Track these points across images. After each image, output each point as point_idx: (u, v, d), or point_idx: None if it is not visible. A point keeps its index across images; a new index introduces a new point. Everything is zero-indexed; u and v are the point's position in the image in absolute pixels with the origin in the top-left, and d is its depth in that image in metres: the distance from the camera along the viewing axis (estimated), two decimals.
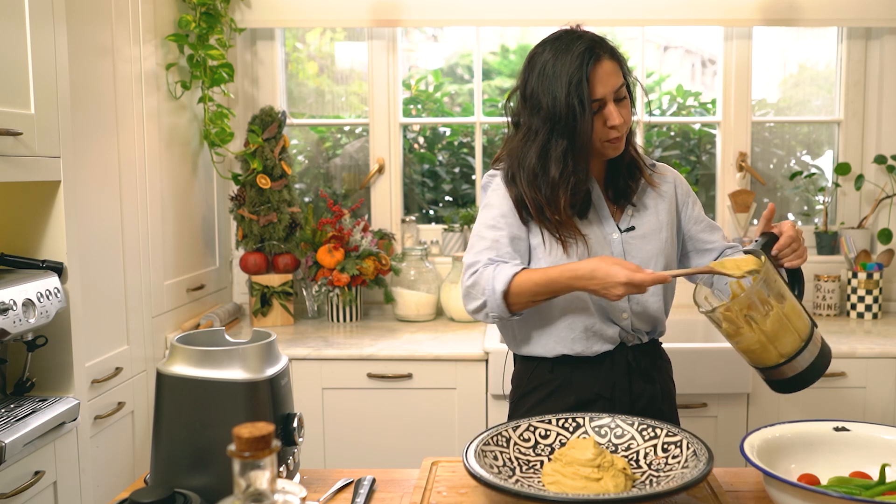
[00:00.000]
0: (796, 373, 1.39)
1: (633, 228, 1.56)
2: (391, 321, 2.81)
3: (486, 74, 3.11)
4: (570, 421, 1.33)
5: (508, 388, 1.68)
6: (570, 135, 1.45)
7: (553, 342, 1.53)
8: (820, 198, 2.95)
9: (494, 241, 1.50)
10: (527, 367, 1.59)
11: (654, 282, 1.35)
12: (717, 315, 1.34)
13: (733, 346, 1.41)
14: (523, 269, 1.45)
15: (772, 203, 1.48)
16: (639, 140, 3.00)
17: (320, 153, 3.17)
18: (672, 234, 1.61)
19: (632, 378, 1.55)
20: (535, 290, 1.43)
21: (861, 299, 2.76)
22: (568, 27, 1.54)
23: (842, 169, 2.91)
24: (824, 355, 1.44)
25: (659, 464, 1.23)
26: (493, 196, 1.56)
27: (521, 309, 1.47)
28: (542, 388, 1.56)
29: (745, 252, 1.39)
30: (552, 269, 1.42)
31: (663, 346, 1.68)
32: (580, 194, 1.50)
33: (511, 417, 1.63)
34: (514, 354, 1.64)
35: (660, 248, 1.56)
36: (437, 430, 2.34)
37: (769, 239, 1.42)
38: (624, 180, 1.58)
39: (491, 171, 1.61)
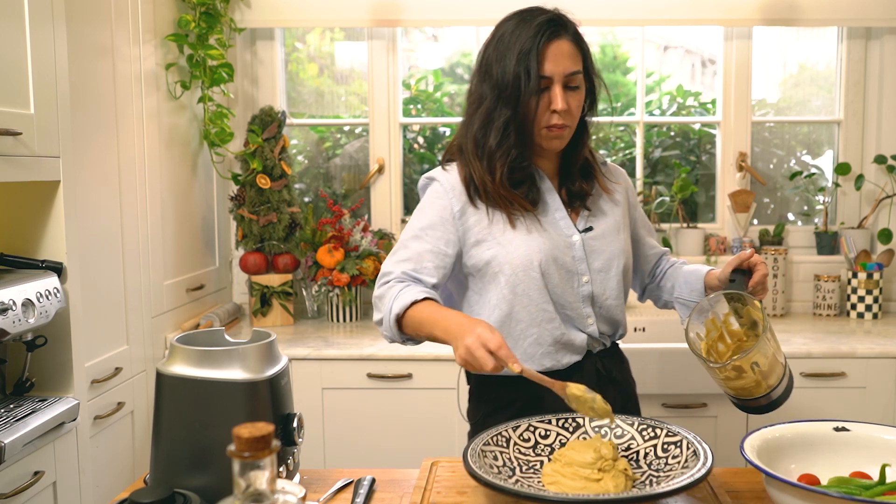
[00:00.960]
0: (773, 399, 1.43)
1: (590, 229, 1.50)
2: None
3: None
4: (570, 421, 1.32)
5: (465, 407, 1.60)
6: (513, 105, 1.40)
7: (520, 359, 1.44)
8: (820, 198, 2.95)
9: (416, 254, 1.42)
10: (489, 385, 1.51)
11: (503, 357, 1.18)
12: (728, 366, 1.30)
13: (722, 385, 1.37)
14: (426, 298, 1.35)
15: (752, 250, 1.45)
16: (638, 140, 3.00)
17: (320, 153, 3.17)
18: (628, 236, 1.58)
19: (602, 385, 1.47)
20: (419, 327, 1.33)
21: (861, 299, 2.76)
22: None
23: (842, 169, 2.91)
24: (791, 378, 1.47)
25: (659, 464, 1.23)
26: (427, 202, 1.49)
27: (414, 336, 1.38)
28: (510, 407, 1.48)
29: (727, 295, 1.38)
30: (437, 313, 1.30)
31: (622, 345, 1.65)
32: (520, 172, 1.44)
33: (474, 426, 1.55)
34: (469, 373, 1.55)
35: (620, 248, 1.51)
36: (437, 430, 2.34)
37: (741, 276, 1.43)
38: (578, 182, 1.51)
39: (430, 174, 1.53)
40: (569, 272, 1.46)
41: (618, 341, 1.61)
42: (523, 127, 1.42)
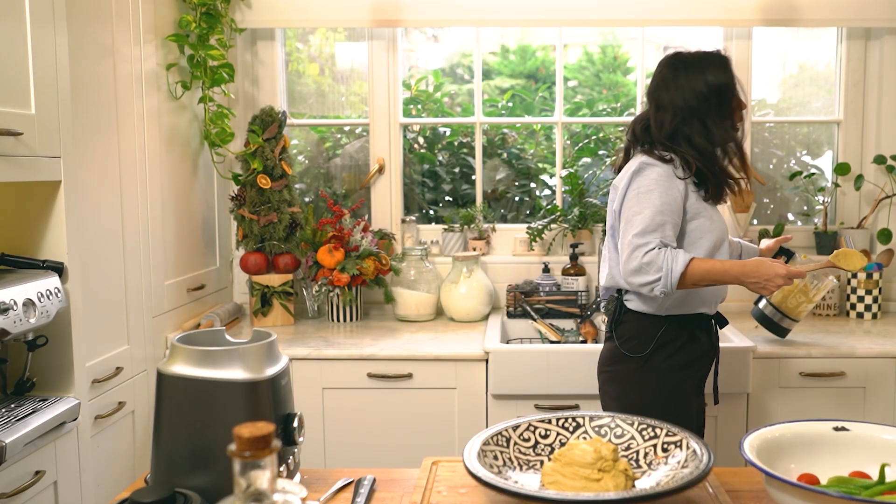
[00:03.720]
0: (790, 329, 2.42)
1: None
2: (391, 321, 2.81)
3: (487, 74, 3.11)
4: (570, 421, 1.33)
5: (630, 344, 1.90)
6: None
7: (697, 303, 1.85)
8: (820, 198, 2.95)
9: (661, 226, 1.74)
10: (660, 324, 1.84)
11: (799, 275, 1.75)
12: (817, 284, 2.36)
13: (789, 299, 2.38)
14: (693, 257, 1.72)
15: (789, 235, 2.11)
16: None
17: (320, 153, 3.18)
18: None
19: (716, 337, 1.95)
20: (705, 277, 1.72)
21: (861, 299, 2.76)
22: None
23: (841, 169, 2.91)
24: None
25: (659, 464, 1.23)
26: (657, 182, 1.77)
27: (682, 289, 1.76)
28: (677, 341, 1.84)
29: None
30: (723, 263, 1.74)
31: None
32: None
33: (644, 367, 1.84)
34: (641, 314, 1.86)
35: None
36: (437, 430, 2.34)
37: (789, 253, 2.08)
38: None
39: (647, 159, 1.80)
40: (729, 247, 1.94)
41: None
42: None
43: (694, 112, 1.83)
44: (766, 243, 2.07)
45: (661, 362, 1.84)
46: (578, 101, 3.13)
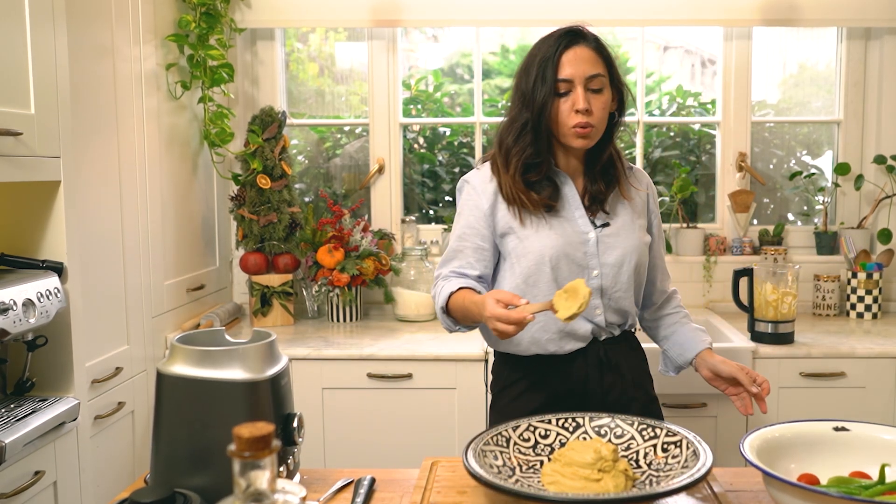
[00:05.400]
0: None
1: (607, 225, 1.60)
2: (391, 321, 2.81)
3: (486, 74, 3.11)
4: (570, 421, 1.33)
5: (490, 378, 1.76)
6: (531, 107, 1.53)
7: (527, 343, 1.59)
8: (820, 198, 2.95)
9: (459, 252, 1.60)
10: (504, 363, 1.67)
11: (513, 320, 1.30)
12: None
13: None
14: (461, 289, 1.50)
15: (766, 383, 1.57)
16: (638, 140, 3.00)
17: (320, 153, 3.17)
18: (643, 237, 1.66)
19: (603, 371, 1.60)
20: (459, 314, 1.50)
21: (861, 299, 2.76)
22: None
23: (841, 169, 2.91)
24: None
25: (659, 464, 1.23)
26: (463, 204, 1.64)
27: (468, 324, 1.55)
28: (518, 384, 1.63)
29: None
30: (472, 297, 1.45)
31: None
32: (535, 172, 1.56)
33: (492, 408, 1.70)
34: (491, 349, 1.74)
35: (634, 245, 1.60)
36: (437, 430, 2.34)
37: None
38: (599, 184, 1.62)
39: (465, 176, 1.67)
40: (579, 266, 1.56)
41: (632, 330, 1.69)
42: (539, 127, 1.53)
43: None
44: (724, 370, 1.59)
45: (506, 405, 1.63)
46: None
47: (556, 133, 1.56)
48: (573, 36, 1.54)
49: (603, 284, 1.58)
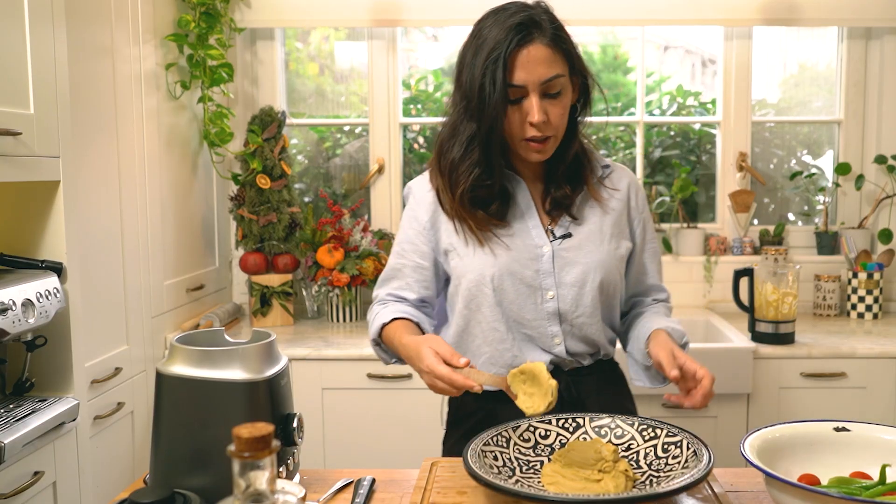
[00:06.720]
0: None
1: (569, 236, 1.38)
2: None
3: None
4: (570, 421, 1.32)
5: (446, 410, 1.58)
6: (478, 118, 1.29)
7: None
8: (820, 198, 2.95)
9: (397, 271, 1.44)
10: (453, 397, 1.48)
11: (458, 385, 1.15)
12: None
13: None
14: (394, 319, 1.35)
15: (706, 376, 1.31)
16: (638, 140, 3.00)
17: (320, 153, 3.17)
18: (617, 248, 1.42)
19: (563, 408, 1.37)
20: (394, 349, 1.35)
21: (861, 299, 2.76)
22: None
23: (842, 169, 2.91)
24: None
25: (659, 464, 1.23)
26: (404, 217, 1.47)
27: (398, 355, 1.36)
28: (470, 419, 1.47)
29: None
30: (403, 339, 1.29)
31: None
32: (484, 190, 1.34)
33: (444, 443, 1.55)
34: None
35: (598, 260, 1.37)
36: (438, 431, 2.33)
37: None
38: (563, 188, 1.39)
39: (411, 182, 1.49)
40: (530, 287, 1.36)
41: (605, 359, 1.47)
42: (489, 142, 1.30)
43: None
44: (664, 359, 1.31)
45: (455, 444, 1.47)
46: None
47: (508, 141, 1.34)
48: (526, 31, 1.26)
49: (561, 308, 1.36)
